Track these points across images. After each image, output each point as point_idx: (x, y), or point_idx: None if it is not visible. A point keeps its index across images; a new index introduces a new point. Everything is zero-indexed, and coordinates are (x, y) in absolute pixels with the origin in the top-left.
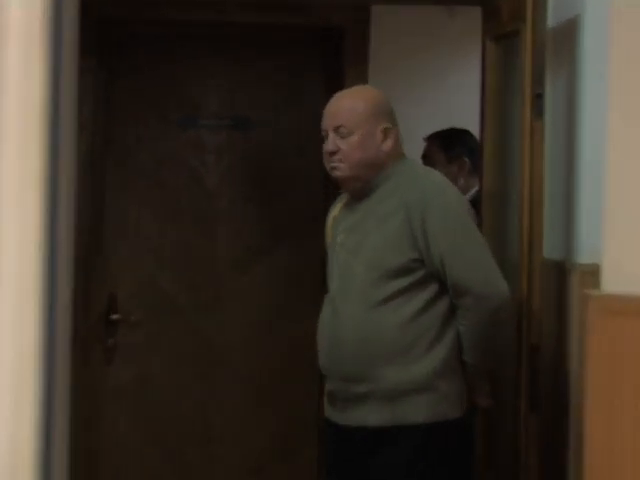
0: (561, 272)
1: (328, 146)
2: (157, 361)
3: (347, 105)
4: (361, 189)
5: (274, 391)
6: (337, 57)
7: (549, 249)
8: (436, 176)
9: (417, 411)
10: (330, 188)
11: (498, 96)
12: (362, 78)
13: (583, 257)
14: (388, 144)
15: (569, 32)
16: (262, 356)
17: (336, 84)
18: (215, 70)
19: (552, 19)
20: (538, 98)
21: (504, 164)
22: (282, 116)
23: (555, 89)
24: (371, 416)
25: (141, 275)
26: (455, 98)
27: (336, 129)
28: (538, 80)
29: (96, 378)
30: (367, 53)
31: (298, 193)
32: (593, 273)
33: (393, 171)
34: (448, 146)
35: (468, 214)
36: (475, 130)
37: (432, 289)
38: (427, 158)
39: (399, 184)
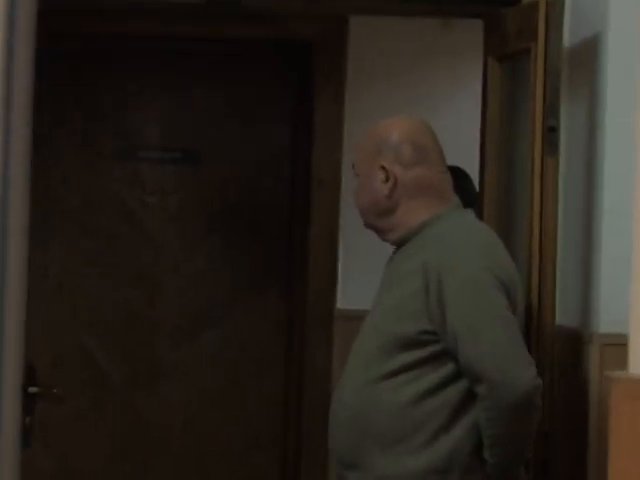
0: (577, 342)
1: None
2: (84, 445)
3: (360, 141)
4: (392, 240)
5: None
6: (306, 77)
7: (562, 315)
8: (468, 233)
9: None
10: (298, 236)
11: (502, 127)
12: (336, 102)
13: (604, 325)
14: (387, 186)
15: (589, 53)
16: (210, 443)
17: (304, 109)
18: (158, 93)
19: (569, 38)
20: (551, 131)
21: (508, 211)
22: (238, 148)
23: (571, 121)
24: None
25: (66, 341)
26: (449, 128)
27: (353, 169)
28: (551, 109)
29: None
30: (343, 72)
31: (259, 242)
32: (616, 345)
33: (429, 221)
34: None
35: (496, 286)
36: (473, 169)
37: (446, 369)
38: None
39: (426, 240)
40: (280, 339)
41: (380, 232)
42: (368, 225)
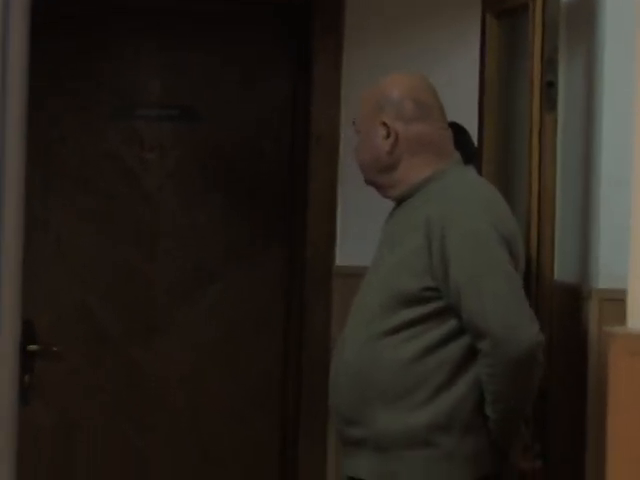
0: (575, 298)
1: None
2: (82, 401)
3: (361, 97)
4: (393, 197)
5: (226, 444)
6: (304, 35)
7: (561, 271)
8: (470, 189)
9: (411, 469)
10: (298, 193)
11: (500, 84)
12: (334, 60)
13: (603, 281)
14: (388, 142)
15: (587, 8)
16: (208, 399)
17: (302, 68)
18: (155, 51)
19: None
20: (549, 87)
21: (507, 167)
22: (237, 107)
23: (570, 76)
24: (363, 468)
25: (65, 299)
26: (447, 85)
27: (354, 126)
28: (549, 65)
29: None
30: (342, 27)
31: (258, 199)
32: (615, 300)
33: (431, 178)
34: None
35: (500, 241)
36: (472, 126)
37: (448, 326)
38: None
39: (427, 196)
40: (279, 296)
41: (381, 188)
42: (369, 181)
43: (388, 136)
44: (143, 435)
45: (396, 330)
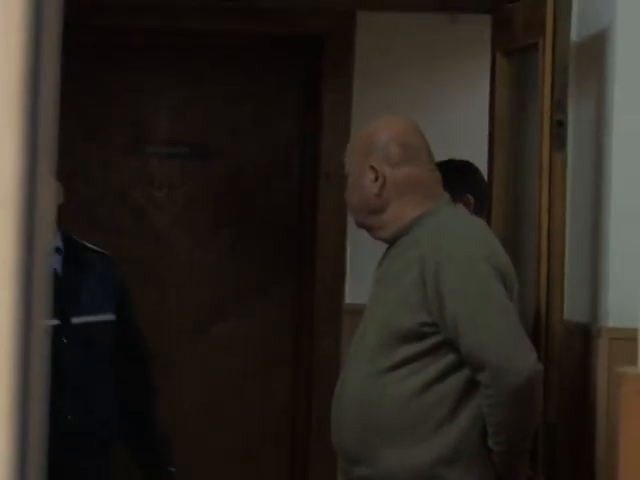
0: (585, 337)
1: None
2: None
3: (350, 142)
4: (383, 238)
5: (237, 478)
6: (315, 72)
7: (571, 310)
8: (463, 225)
9: None
10: (307, 231)
11: (510, 122)
12: (345, 96)
13: (613, 320)
14: (376, 185)
15: (597, 47)
16: (218, 436)
17: (313, 103)
18: (166, 87)
19: (577, 32)
20: (559, 126)
21: (517, 205)
22: (247, 143)
23: (580, 115)
24: None
25: None
26: (457, 122)
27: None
28: (559, 104)
29: None
30: (351, 66)
31: (267, 237)
32: (625, 339)
33: (421, 217)
34: (447, 182)
35: (493, 274)
36: (481, 163)
37: (447, 360)
38: None
39: (419, 235)
40: (288, 334)
41: (371, 230)
42: (359, 224)
43: (376, 179)
44: None
45: (396, 366)
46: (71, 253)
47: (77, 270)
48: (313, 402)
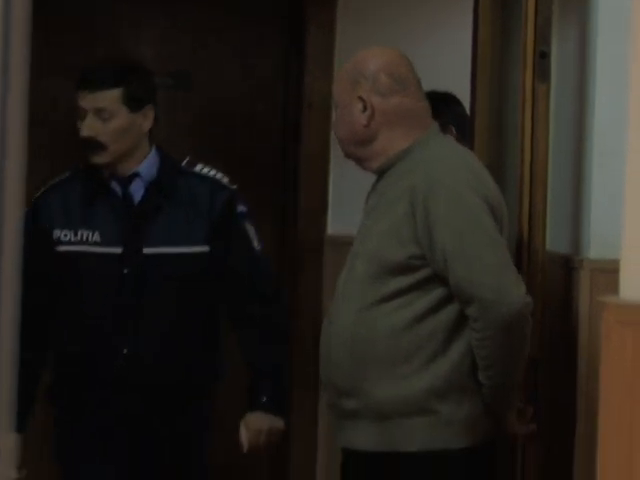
0: (567, 269)
1: None
2: None
3: (338, 72)
4: (373, 169)
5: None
6: (298, 4)
7: (553, 241)
8: (452, 156)
9: (409, 437)
10: (291, 161)
11: (493, 54)
12: (327, 26)
13: (595, 251)
14: (365, 115)
15: None
16: None
17: (297, 33)
18: (149, 18)
19: None
20: (542, 57)
21: (500, 137)
22: (231, 73)
23: (563, 46)
24: (360, 438)
25: None
26: (441, 54)
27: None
28: (542, 35)
29: None
30: None
31: (250, 168)
32: (607, 270)
33: (411, 148)
34: None
35: (483, 206)
36: (464, 96)
37: (437, 293)
38: None
39: (409, 166)
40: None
41: (360, 161)
42: (348, 155)
43: (365, 110)
44: None
45: (387, 299)
46: (162, 177)
47: (162, 197)
48: (294, 336)
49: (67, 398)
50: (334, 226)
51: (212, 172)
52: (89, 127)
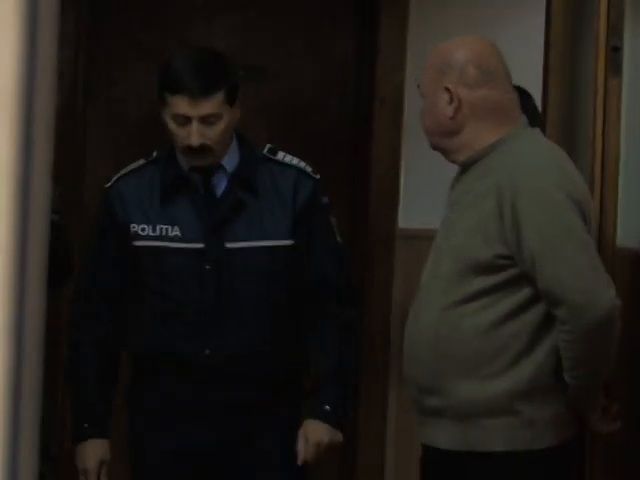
0: (639, 264)
1: None
2: None
3: (426, 61)
4: (459, 161)
5: None
6: None
7: (624, 236)
8: (541, 153)
9: (491, 437)
10: (361, 157)
11: (565, 49)
12: (400, 21)
13: None
14: (451, 107)
15: None
16: None
17: (368, 29)
18: (222, 8)
19: None
20: (615, 51)
21: (571, 132)
22: (302, 67)
23: (636, 41)
24: (441, 436)
25: None
26: (514, 50)
27: (419, 90)
28: (615, 29)
29: None
30: None
31: (321, 161)
32: None
33: (498, 143)
34: None
35: (572, 206)
36: (537, 89)
37: (524, 293)
38: None
39: (495, 162)
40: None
41: (446, 153)
42: (434, 146)
43: (451, 101)
44: None
45: (472, 298)
46: (244, 168)
47: (245, 189)
48: (365, 330)
49: (145, 405)
50: (405, 220)
51: (295, 160)
52: (198, 135)
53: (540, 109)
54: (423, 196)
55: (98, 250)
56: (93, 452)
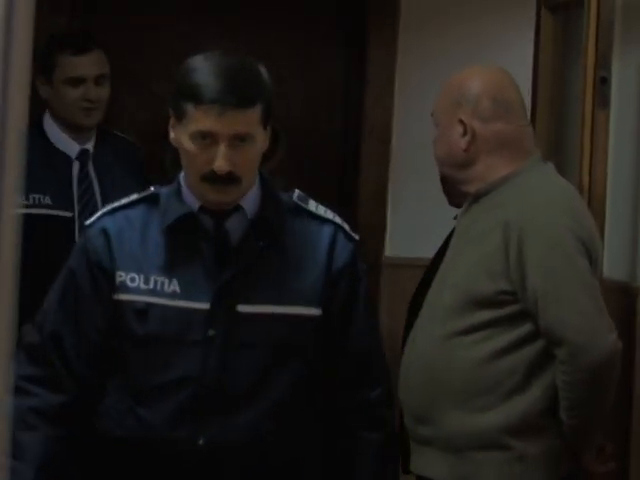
0: (625, 295)
1: None
2: None
3: (440, 90)
4: (469, 193)
5: None
6: (359, 25)
7: (610, 268)
8: (551, 191)
9: (481, 471)
10: (347, 185)
11: (554, 79)
12: (389, 42)
13: None
14: (465, 140)
15: None
16: None
17: (356, 48)
18: (209, 34)
19: None
20: (602, 83)
21: (559, 162)
22: (290, 86)
23: (624, 73)
24: (430, 467)
25: None
26: None
27: (432, 118)
28: (603, 61)
29: None
30: (397, 20)
31: (307, 188)
32: None
33: (509, 177)
34: None
35: (579, 247)
36: None
37: (523, 329)
38: None
39: (505, 196)
40: None
41: (456, 183)
42: (444, 176)
43: (465, 134)
44: None
45: (471, 330)
46: (267, 213)
47: (267, 239)
48: None
49: None
50: (391, 249)
51: (329, 213)
52: (227, 159)
53: None
54: (410, 225)
55: (65, 301)
56: None
